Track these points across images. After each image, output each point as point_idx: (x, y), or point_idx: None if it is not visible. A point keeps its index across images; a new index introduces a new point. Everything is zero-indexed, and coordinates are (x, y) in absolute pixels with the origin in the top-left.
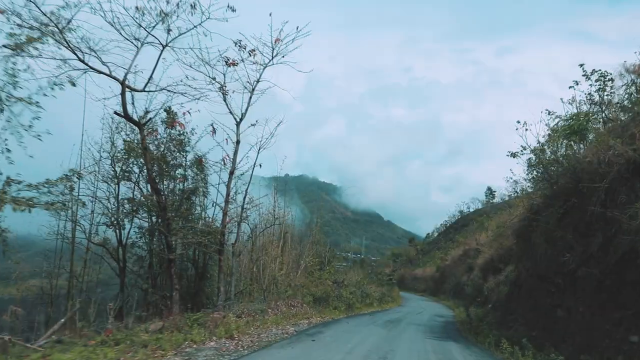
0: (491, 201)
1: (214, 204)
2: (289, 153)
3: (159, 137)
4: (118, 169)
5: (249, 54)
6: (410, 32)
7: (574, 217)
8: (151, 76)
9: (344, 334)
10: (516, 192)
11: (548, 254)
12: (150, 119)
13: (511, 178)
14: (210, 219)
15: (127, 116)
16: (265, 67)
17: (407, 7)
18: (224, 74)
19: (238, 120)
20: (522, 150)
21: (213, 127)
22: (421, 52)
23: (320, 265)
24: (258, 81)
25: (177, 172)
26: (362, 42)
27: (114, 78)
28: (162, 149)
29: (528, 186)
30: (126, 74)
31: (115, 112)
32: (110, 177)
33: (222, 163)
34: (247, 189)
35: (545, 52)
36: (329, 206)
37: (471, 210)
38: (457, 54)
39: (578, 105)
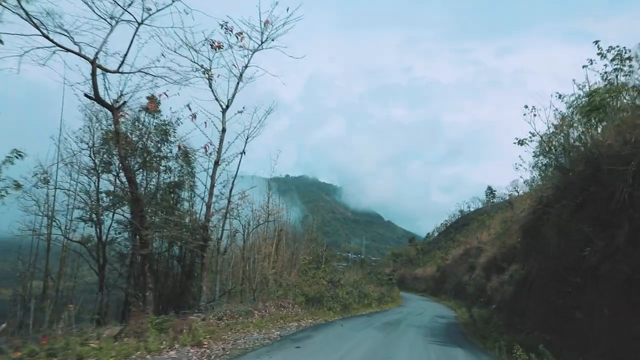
0: (492, 201)
1: (202, 198)
2: (289, 154)
3: (141, 127)
4: (98, 160)
5: (237, 37)
6: (410, 32)
7: (593, 207)
8: (126, 55)
9: (335, 339)
10: (524, 181)
11: (561, 249)
12: (125, 102)
13: (520, 165)
14: (198, 214)
15: (98, 99)
16: (254, 52)
17: (407, 7)
18: (210, 60)
19: (224, 107)
20: (530, 137)
21: (190, 109)
22: (421, 52)
23: (315, 264)
24: (246, 67)
25: (161, 163)
26: (362, 42)
27: (84, 57)
28: (144, 139)
29: (537, 175)
30: (97, 53)
31: (86, 95)
32: (89, 169)
33: (204, 150)
34: (233, 181)
35: (545, 52)
36: (329, 206)
37: (472, 209)
38: (457, 54)
39: (590, 88)
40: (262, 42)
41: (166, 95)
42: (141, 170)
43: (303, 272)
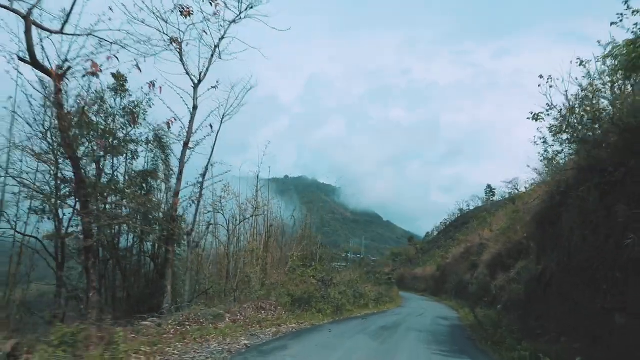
0: (491, 199)
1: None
2: (288, 154)
3: (107, 107)
4: (55, 144)
5: (211, 3)
6: (409, 33)
7: (632, 186)
8: (70, 13)
9: (316, 350)
10: (543, 158)
11: (587, 240)
12: (70, 67)
13: (541, 138)
14: (164, 203)
15: (35, 62)
16: (231, 24)
17: (406, 8)
18: (182, 32)
19: (196, 82)
20: (547, 111)
21: (153, 85)
22: (420, 54)
23: (306, 261)
24: (222, 38)
25: (128, 147)
26: (362, 43)
27: (15, 12)
28: (109, 121)
29: (555, 152)
30: (31, 8)
31: (19, 58)
32: (45, 153)
33: (167, 126)
34: (207, 165)
35: (543, 53)
36: (328, 207)
37: (471, 208)
38: (455, 55)
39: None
40: (240, 13)
41: (116, 57)
42: (108, 156)
43: (291, 270)
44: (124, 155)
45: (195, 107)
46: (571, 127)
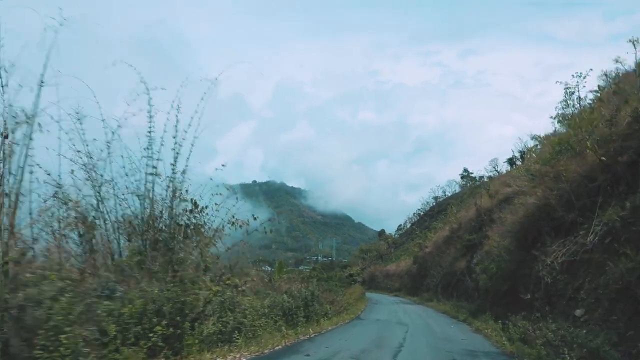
0: (469, 184)
1: None
2: (255, 160)
3: None
4: None
5: None
6: (376, 37)
7: None
8: None
9: None
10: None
11: None
12: None
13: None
14: None
15: None
16: None
17: (373, 12)
18: None
19: None
20: None
21: None
22: (387, 56)
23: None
24: None
25: None
26: (330, 48)
27: None
28: None
29: None
30: None
31: None
32: None
33: None
34: None
35: (507, 53)
36: (297, 211)
37: (447, 194)
38: (422, 56)
39: None
40: None
41: None
42: None
43: None
44: None
45: None
46: None
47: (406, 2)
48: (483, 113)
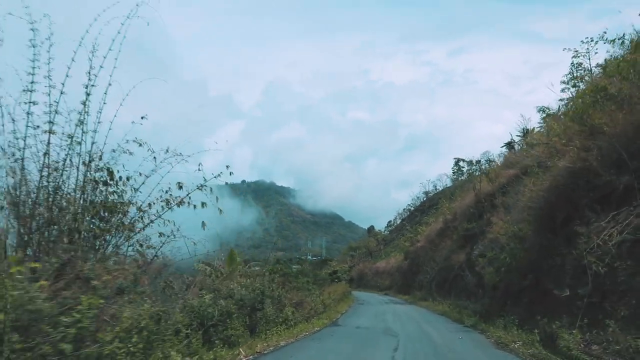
0: (460, 177)
1: None
2: (245, 159)
3: None
4: None
5: None
6: (367, 36)
7: None
8: None
9: None
10: None
11: None
12: None
13: None
14: None
15: None
16: None
17: (363, 12)
18: None
19: None
20: None
21: None
22: (378, 55)
23: None
24: None
25: None
26: (321, 48)
27: None
28: None
29: None
30: None
31: None
32: None
33: None
34: None
35: (496, 51)
36: (287, 210)
37: (439, 189)
38: (412, 55)
39: None
40: None
41: None
42: None
43: None
44: None
45: None
46: None
47: (396, 1)
48: (472, 111)
